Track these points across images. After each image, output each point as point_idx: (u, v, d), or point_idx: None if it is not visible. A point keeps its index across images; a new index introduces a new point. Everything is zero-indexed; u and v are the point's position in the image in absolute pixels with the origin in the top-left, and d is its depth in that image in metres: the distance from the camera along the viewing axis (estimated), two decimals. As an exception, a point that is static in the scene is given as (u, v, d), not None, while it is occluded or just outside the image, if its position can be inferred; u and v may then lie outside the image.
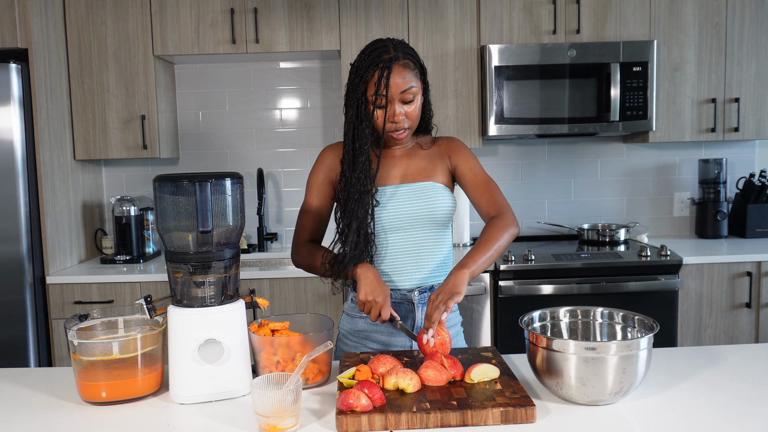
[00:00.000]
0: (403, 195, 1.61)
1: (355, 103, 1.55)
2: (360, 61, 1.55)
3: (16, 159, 2.62)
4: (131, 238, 3.02)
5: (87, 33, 2.95)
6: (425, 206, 1.61)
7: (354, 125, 1.56)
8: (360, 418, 1.15)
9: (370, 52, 1.54)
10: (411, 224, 1.61)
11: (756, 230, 3.22)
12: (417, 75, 1.57)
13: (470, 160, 1.68)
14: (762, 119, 3.06)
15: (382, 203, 1.60)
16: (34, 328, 2.68)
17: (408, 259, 1.63)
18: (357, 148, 1.55)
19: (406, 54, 1.55)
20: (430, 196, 1.62)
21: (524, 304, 2.72)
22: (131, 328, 1.41)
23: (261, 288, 2.77)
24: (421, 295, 1.64)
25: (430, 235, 1.64)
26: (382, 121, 1.55)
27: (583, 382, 1.20)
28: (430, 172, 1.65)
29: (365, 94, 1.54)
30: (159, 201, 1.32)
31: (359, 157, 1.55)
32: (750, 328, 2.84)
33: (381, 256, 1.63)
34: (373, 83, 1.52)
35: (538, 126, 2.95)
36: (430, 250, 1.64)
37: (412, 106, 1.56)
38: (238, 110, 3.37)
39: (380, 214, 1.60)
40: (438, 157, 1.68)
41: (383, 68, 1.51)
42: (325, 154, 1.69)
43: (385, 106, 1.53)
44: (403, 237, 1.62)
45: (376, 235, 1.61)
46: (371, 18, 2.96)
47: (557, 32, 2.97)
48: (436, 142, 1.72)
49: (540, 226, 3.43)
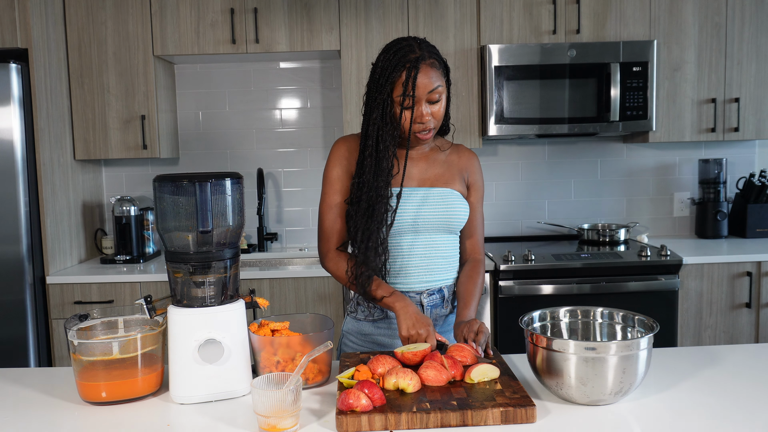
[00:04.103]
0: (421, 199, 1.60)
1: (381, 104, 1.51)
2: (385, 61, 1.51)
3: (16, 159, 2.62)
4: (131, 238, 3.02)
5: (87, 33, 2.95)
6: (443, 212, 1.60)
7: (379, 127, 1.52)
8: (360, 418, 1.15)
9: (395, 52, 1.50)
10: (426, 228, 1.61)
11: (756, 230, 3.22)
12: (442, 74, 1.54)
13: (480, 191, 1.72)
14: (762, 119, 3.06)
15: (400, 206, 1.57)
16: (34, 328, 2.68)
17: (420, 261, 1.62)
18: (381, 150, 1.52)
19: (431, 53, 1.52)
20: (449, 203, 1.61)
21: (524, 304, 2.72)
22: (131, 328, 1.41)
23: (261, 288, 2.77)
24: (430, 297, 1.64)
25: (442, 240, 1.64)
26: (408, 122, 1.52)
27: (583, 382, 1.20)
28: (448, 179, 1.65)
29: (391, 95, 1.50)
30: (159, 201, 1.32)
31: (383, 161, 1.52)
32: (750, 328, 2.84)
33: (393, 256, 1.61)
34: (401, 83, 1.48)
35: (538, 126, 2.94)
36: (441, 254, 1.64)
37: (437, 106, 1.54)
38: (238, 110, 3.37)
39: (396, 216, 1.57)
40: (457, 168, 1.68)
41: (411, 68, 1.47)
42: (340, 146, 1.64)
43: (412, 106, 1.50)
44: (417, 240, 1.61)
45: (392, 237, 1.59)
46: (371, 18, 2.96)
47: (557, 32, 2.97)
48: (456, 149, 1.71)
49: (540, 226, 3.43)
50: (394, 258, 1.61)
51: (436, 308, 1.65)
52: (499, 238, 3.40)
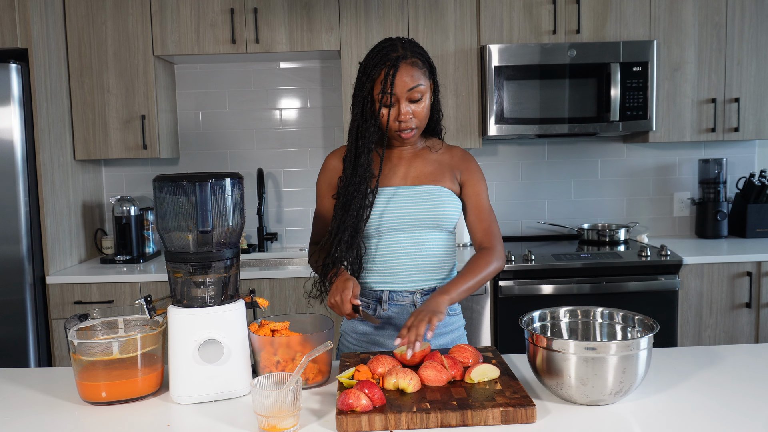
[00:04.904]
0: (407, 196, 1.60)
1: (361, 101, 1.55)
2: (368, 60, 1.55)
3: (16, 159, 2.62)
4: (131, 238, 3.02)
5: (87, 33, 2.95)
6: (430, 209, 1.60)
7: (359, 123, 1.56)
8: (360, 418, 1.15)
9: (378, 51, 1.54)
10: (414, 226, 1.60)
11: (756, 230, 3.22)
12: (425, 74, 1.56)
13: (480, 184, 1.67)
14: (762, 119, 3.06)
15: (384, 203, 1.59)
16: (34, 328, 2.68)
17: (410, 260, 1.62)
18: (360, 146, 1.56)
19: (414, 53, 1.54)
20: (436, 200, 1.61)
21: (524, 304, 2.72)
22: (131, 328, 1.41)
23: (261, 288, 2.77)
24: (423, 297, 1.63)
25: (433, 238, 1.63)
26: (386, 119, 1.54)
27: (583, 382, 1.20)
28: (437, 176, 1.64)
29: (371, 93, 1.54)
30: (159, 201, 1.32)
31: (361, 156, 1.55)
32: (750, 328, 2.84)
33: (382, 256, 1.62)
34: (380, 81, 1.52)
35: (538, 126, 2.94)
36: (433, 252, 1.63)
37: (420, 105, 1.55)
38: (238, 110, 3.37)
39: (383, 215, 1.59)
40: (447, 166, 1.67)
41: (390, 66, 1.50)
42: (329, 159, 1.70)
43: (391, 104, 1.52)
44: (406, 238, 1.61)
45: (380, 235, 1.60)
46: (371, 18, 2.96)
47: (557, 32, 2.97)
48: (448, 150, 1.70)
49: (540, 226, 3.44)
50: (382, 257, 1.62)
51: None
52: (499, 238, 3.40)
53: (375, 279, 1.64)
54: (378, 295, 1.63)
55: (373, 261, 1.63)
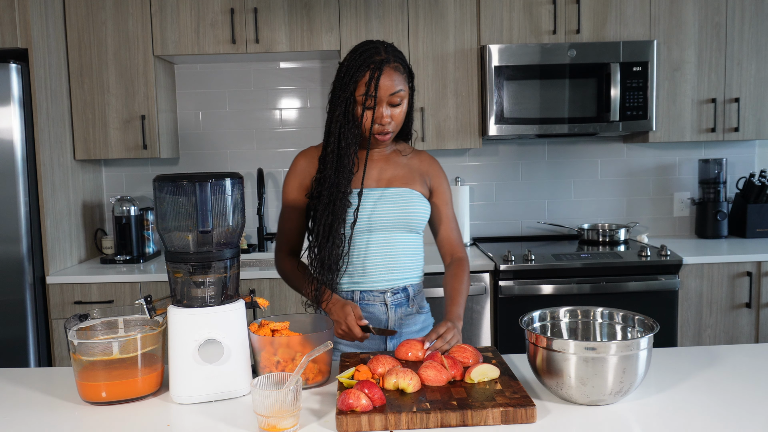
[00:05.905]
0: (380, 198, 1.63)
1: (344, 102, 1.55)
2: (351, 61, 1.56)
3: (16, 159, 2.62)
4: (131, 238, 3.02)
5: (87, 33, 2.95)
6: (402, 211, 1.63)
7: (341, 125, 1.56)
8: (360, 418, 1.15)
9: (361, 53, 1.55)
10: (385, 227, 1.63)
11: (756, 230, 3.22)
12: (405, 79, 1.59)
13: (447, 191, 1.75)
14: (762, 119, 3.06)
15: (358, 205, 1.60)
16: (34, 328, 2.68)
17: (380, 260, 1.64)
18: (343, 147, 1.56)
19: (396, 57, 1.57)
20: (407, 202, 1.64)
21: (524, 304, 2.72)
22: (131, 328, 1.41)
23: (261, 288, 2.77)
24: (393, 296, 1.65)
25: (403, 239, 1.66)
26: (369, 123, 1.56)
27: (583, 382, 1.20)
28: (408, 180, 1.68)
29: (354, 94, 1.55)
30: (159, 201, 1.32)
31: (344, 158, 1.56)
32: (750, 328, 2.84)
33: (354, 256, 1.63)
34: (363, 83, 1.53)
35: (538, 126, 2.95)
36: (403, 253, 1.66)
37: (398, 110, 1.58)
38: (238, 110, 3.37)
39: (359, 216, 1.60)
40: (417, 171, 1.71)
41: (374, 69, 1.52)
42: (299, 159, 1.70)
43: (373, 107, 1.54)
44: (377, 239, 1.63)
45: (353, 236, 1.62)
46: (371, 18, 2.96)
47: (557, 32, 2.97)
48: (417, 155, 1.75)
49: (540, 226, 3.44)
50: (353, 257, 1.63)
51: (401, 307, 1.67)
52: (499, 238, 3.40)
53: (345, 280, 1.65)
54: (349, 296, 1.65)
55: (345, 261, 1.64)
